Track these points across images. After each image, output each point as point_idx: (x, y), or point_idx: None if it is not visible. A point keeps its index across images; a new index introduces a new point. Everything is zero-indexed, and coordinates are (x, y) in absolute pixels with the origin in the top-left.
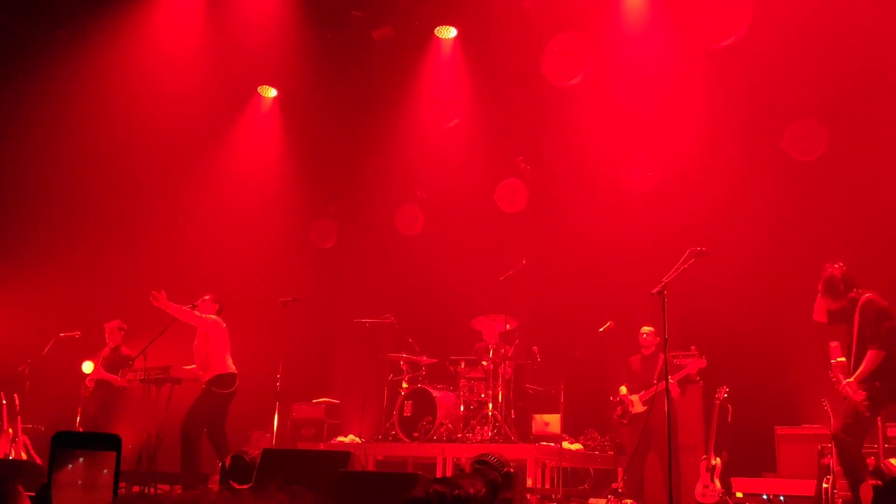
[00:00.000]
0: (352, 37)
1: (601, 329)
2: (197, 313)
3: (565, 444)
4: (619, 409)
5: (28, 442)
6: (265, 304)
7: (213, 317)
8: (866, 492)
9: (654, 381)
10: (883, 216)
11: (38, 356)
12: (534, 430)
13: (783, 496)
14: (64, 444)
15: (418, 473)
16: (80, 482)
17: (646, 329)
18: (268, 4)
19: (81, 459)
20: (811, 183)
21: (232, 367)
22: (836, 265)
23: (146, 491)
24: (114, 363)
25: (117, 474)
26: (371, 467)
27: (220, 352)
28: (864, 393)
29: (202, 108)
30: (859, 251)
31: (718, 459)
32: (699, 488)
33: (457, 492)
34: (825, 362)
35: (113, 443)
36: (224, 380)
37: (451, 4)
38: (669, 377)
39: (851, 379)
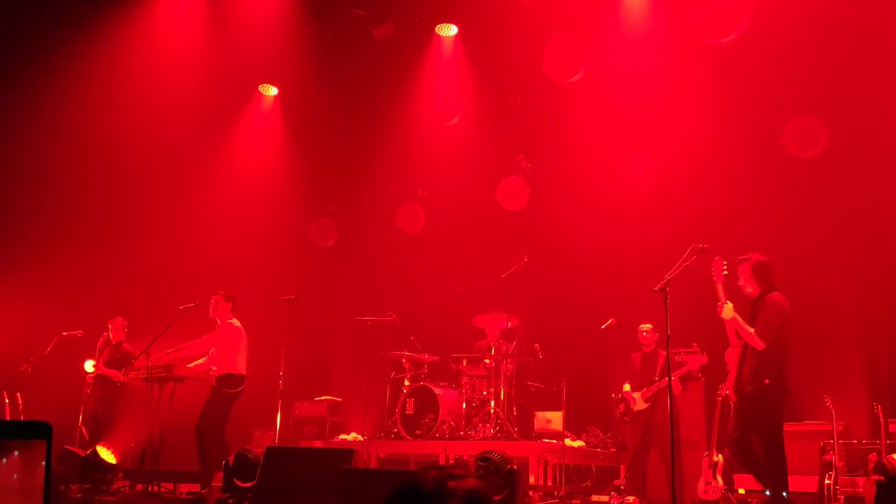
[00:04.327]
0: (353, 35)
1: (603, 326)
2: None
3: (567, 442)
4: (621, 406)
5: None
6: (267, 303)
7: (229, 322)
8: (868, 487)
9: (656, 378)
10: (884, 212)
11: (41, 355)
12: (536, 427)
13: (785, 492)
14: None
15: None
16: (14, 476)
17: (645, 326)
18: (269, 2)
19: (16, 452)
20: (811, 179)
21: (241, 368)
22: None
23: (149, 489)
24: (116, 359)
25: (48, 467)
26: (373, 465)
27: (232, 352)
28: None
29: (203, 107)
30: (860, 247)
31: (721, 456)
32: (701, 485)
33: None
34: (827, 359)
35: (42, 431)
36: (232, 380)
37: (452, 2)
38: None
39: None
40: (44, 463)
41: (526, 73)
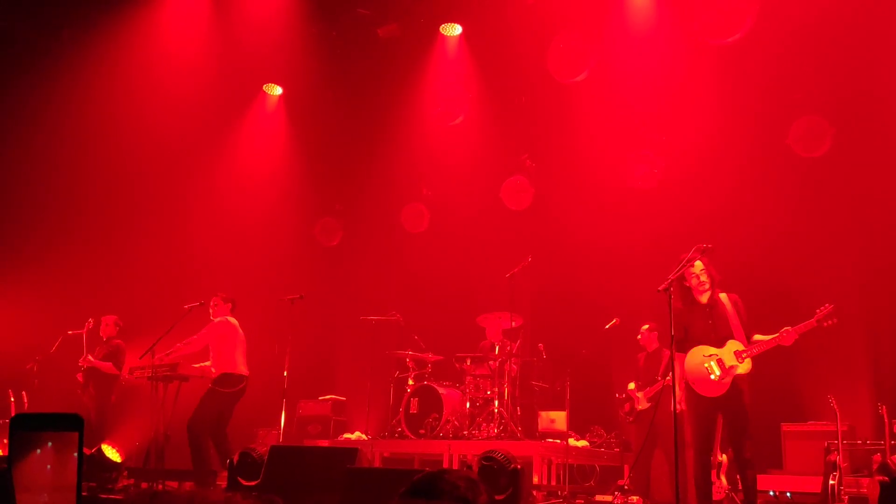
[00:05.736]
0: (357, 34)
1: (607, 326)
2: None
3: (571, 441)
4: (626, 405)
5: None
6: (271, 302)
7: (221, 319)
8: (873, 488)
9: (659, 378)
10: (889, 212)
11: (47, 354)
12: (540, 426)
13: (789, 493)
14: (23, 428)
15: (424, 470)
16: (48, 466)
17: (643, 328)
18: (273, 2)
19: (50, 443)
20: (816, 179)
21: (240, 368)
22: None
23: (154, 488)
24: (105, 354)
25: (80, 457)
26: (377, 464)
27: (228, 351)
28: None
29: (207, 106)
30: (865, 246)
31: (724, 456)
32: None
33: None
34: (831, 359)
35: (75, 423)
36: (228, 379)
37: (456, 2)
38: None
39: None
40: (76, 454)
41: (530, 73)
